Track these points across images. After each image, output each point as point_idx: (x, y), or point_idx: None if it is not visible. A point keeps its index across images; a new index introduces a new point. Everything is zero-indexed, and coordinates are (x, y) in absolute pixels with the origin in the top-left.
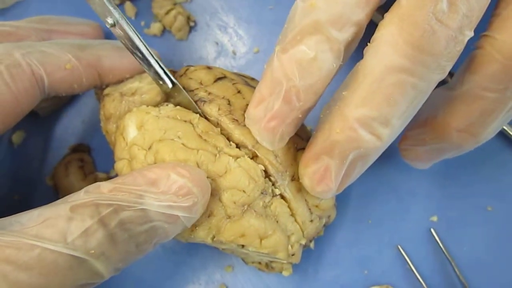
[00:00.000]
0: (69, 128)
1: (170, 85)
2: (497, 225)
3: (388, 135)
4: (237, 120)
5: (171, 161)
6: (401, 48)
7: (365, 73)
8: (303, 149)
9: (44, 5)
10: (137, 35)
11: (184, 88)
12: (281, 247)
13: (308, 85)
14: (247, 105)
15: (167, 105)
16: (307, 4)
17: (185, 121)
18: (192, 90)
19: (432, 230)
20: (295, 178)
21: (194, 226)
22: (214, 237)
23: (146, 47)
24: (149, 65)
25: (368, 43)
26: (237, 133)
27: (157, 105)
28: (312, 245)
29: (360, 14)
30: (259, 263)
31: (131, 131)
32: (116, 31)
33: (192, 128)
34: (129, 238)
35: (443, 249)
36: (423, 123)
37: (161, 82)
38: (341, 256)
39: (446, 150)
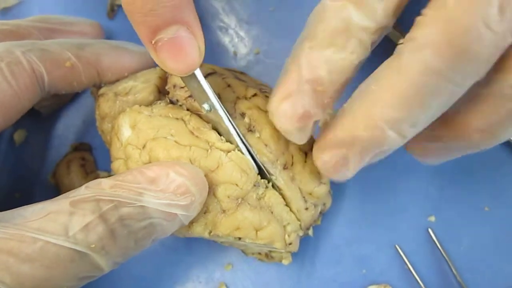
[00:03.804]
0: (70, 127)
1: (256, 170)
2: (494, 225)
3: (413, 133)
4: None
5: (165, 158)
6: (443, 52)
7: (400, 72)
8: None
9: (45, 4)
10: (232, 123)
11: (175, 85)
12: (277, 237)
13: (337, 85)
14: (238, 97)
15: (159, 103)
16: (338, 4)
17: (177, 118)
18: (183, 87)
19: (430, 230)
20: (287, 167)
21: (191, 222)
22: (211, 232)
23: (240, 135)
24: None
25: (402, 40)
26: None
27: (150, 104)
28: (311, 232)
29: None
30: (259, 253)
31: (125, 131)
32: (211, 116)
33: (184, 125)
34: (129, 234)
35: (440, 249)
36: (441, 121)
37: None
38: (339, 255)
39: (461, 148)
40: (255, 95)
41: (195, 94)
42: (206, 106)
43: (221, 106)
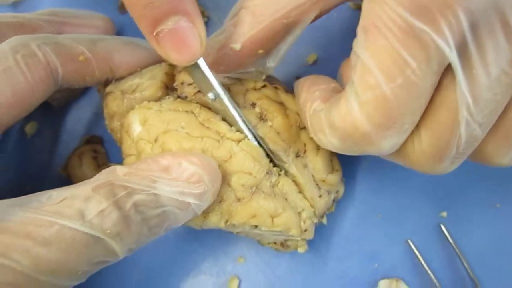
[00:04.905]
0: (81, 119)
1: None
2: (505, 222)
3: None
4: (237, 103)
5: (177, 150)
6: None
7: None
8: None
9: None
10: (238, 111)
11: (183, 82)
12: (293, 224)
13: None
14: (247, 89)
15: (168, 98)
16: None
17: (187, 111)
18: (191, 84)
19: (442, 226)
20: (299, 155)
21: (207, 212)
22: (227, 221)
23: (246, 124)
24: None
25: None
26: None
27: (158, 100)
28: (324, 220)
29: None
30: (274, 243)
31: (136, 128)
32: (216, 104)
33: (194, 118)
34: (142, 221)
35: (452, 244)
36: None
37: None
38: (351, 249)
39: None
40: (264, 86)
41: (199, 83)
42: (211, 95)
43: (226, 94)
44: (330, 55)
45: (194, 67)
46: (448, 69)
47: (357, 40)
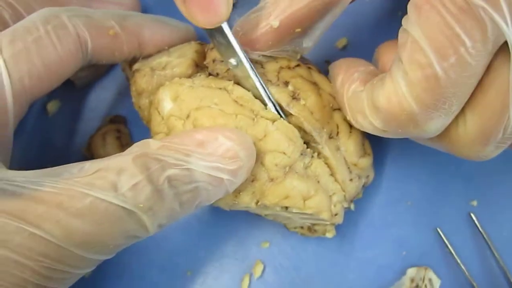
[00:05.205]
0: (104, 99)
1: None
2: None
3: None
4: (270, 81)
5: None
6: None
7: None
8: (339, 109)
9: None
10: (259, 79)
11: (214, 59)
12: (324, 207)
13: None
14: (281, 67)
15: (199, 75)
16: None
17: (220, 88)
18: (223, 61)
19: (472, 215)
20: (332, 136)
21: (238, 191)
22: (258, 201)
23: (266, 90)
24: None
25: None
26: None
27: (188, 77)
28: (352, 206)
29: None
30: (301, 227)
31: (167, 104)
32: (237, 71)
33: (227, 95)
34: (174, 196)
35: (482, 233)
36: None
37: None
38: (378, 236)
39: None
40: (298, 65)
41: (221, 49)
42: (233, 61)
43: (247, 60)
44: (359, 40)
45: (217, 31)
46: (499, 51)
47: (407, 17)
